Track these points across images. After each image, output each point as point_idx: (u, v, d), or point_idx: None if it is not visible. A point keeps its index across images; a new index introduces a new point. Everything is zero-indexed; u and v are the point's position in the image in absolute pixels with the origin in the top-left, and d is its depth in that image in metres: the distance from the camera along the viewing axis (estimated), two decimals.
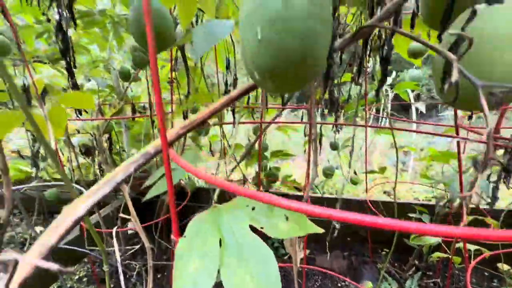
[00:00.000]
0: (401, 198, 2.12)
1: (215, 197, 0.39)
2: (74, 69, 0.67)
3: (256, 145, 1.27)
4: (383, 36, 0.57)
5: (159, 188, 0.47)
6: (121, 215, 0.69)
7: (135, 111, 1.27)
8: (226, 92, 1.10)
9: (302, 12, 0.18)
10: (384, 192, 2.26)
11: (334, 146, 1.24)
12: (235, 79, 1.04)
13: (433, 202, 1.66)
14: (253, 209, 0.33)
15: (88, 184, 1.27)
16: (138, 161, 0.26)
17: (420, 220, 1.34)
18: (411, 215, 1.27)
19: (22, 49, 0.71)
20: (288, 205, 0.17)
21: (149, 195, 0.48)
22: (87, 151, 1.55)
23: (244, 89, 0.31)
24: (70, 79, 0.72)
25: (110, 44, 1.19)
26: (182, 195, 1.49)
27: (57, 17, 0.64)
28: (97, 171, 1.49)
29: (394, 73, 1.31)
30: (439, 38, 0.29)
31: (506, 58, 0.22)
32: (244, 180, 1.46)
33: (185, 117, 1.15)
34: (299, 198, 1.48)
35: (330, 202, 1.44)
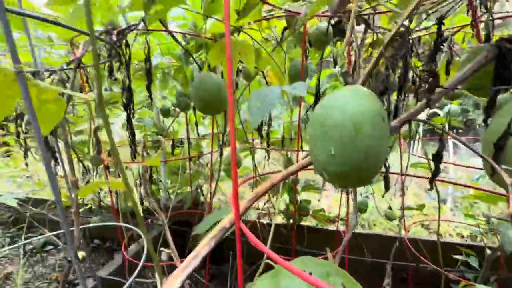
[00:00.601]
0: (442, 233, 1.97)
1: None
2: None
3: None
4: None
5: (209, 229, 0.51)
6: (162, 249, 0.74)
7: (174, 146, 1.37)
8: (259, 128, 1.17)
9: (368, 136, 0.22)
10: (422, 225, 2.11)
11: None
12: (270, 120, 1.10)
13: (479, 240, 1.52)
14: (310, 273, 0.36)
15: (131, 212, 1.36)
16: (217, 236, 0.30)
17: (467, 263, 1.24)
18: (457, 257, 1.18)
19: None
20: None
21: (198, 230, 0.51)
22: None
23: (301, 166, 0.35)
24: (129, 128, 0.82)
25: (155, 87, 1.33)
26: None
27: (115, 75, 0.76)
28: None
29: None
30: (485, 122, 0.31)
31: None
32: (270, 211, 1.47)
33: (222, 144, 1.21)
34: (331, 233, 1.45)
35: (364, 238, 1.38)
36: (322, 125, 0.24)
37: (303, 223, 1.53)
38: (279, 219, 1.61)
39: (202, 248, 0.28)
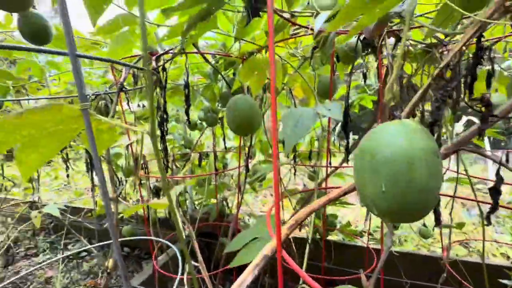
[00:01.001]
0: (485, 252, 1.81)
1: None
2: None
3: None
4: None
5: (249, 256, 0.51)
6: (192, 262, 0.75)
7: (201, 159, 1.41)
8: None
9: (422, 174, 0.21)
10: (460, 243, 1.96)
11: None
12: None
13: None
14: None
15: (160, 220, 1.41)
16: (260, 264, 0.31)
17: None
18: (504, 281, 1.07)
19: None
20: None
21: (237, 263, 0.52)
22: (156, 191, 1.74)
23: (344, 191, 0.35)
24: (162, 144, 0.86)
25: (181, 102, 1.39)
26: None
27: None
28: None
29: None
30: None
31: None
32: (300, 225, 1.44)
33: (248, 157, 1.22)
34: (360, 249, 1.39)
35: (399, 258, 1.31)
36: (372, 158, 0.24)
37: (329, 237, 1.49)
38: (303, 233, 1.58)
39: (247, 276, 0.29)
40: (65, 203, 2.02)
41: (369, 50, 0.73)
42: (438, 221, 0.57)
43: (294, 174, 1.11)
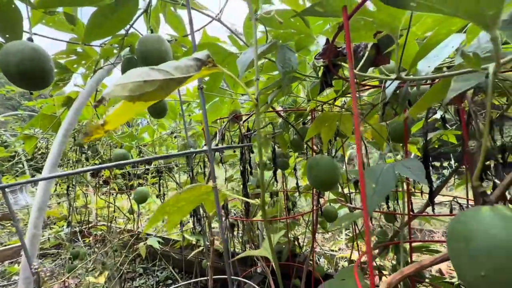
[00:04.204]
0: None
1: None
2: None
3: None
4: None
5: None
6: None
7: (272, 198, 1.49)
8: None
9: None
10: None
11: None
12: None
13: None
14: None
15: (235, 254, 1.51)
16: None
17: None
18: None
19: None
20: None
21: None
22: (231, 227, 1.88)
23: (438, 260, 0.36)
24: (243, 189, 0.98)
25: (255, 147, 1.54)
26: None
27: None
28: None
29: None
30: None
31: None
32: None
33: (318, 197, 1.24)
34: None
35: None
36: (467, 244, 0.26)
37: None
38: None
39: None
40: (163, 235, 2.34)
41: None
42: None
43: (371, 220, 1.07)
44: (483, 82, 0.34)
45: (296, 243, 1.58)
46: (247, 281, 1.19)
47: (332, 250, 2.59)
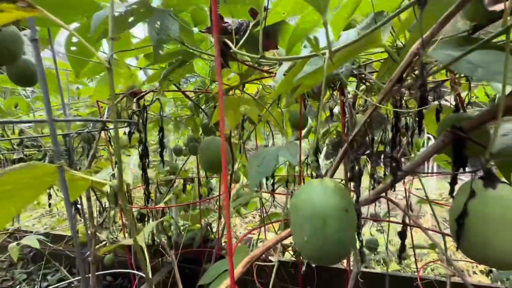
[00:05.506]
0: (464, 270, 1.85)
1: None
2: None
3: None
4: None
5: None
6: None
7: (186, 185, 1.44)
8: None
9: (333, 227, 0.27)
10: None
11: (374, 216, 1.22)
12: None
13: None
14: None
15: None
16: None
17: None
18: None
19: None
20: None
21: None
22: (141, 218, 1.74)
23: (281, 238, 0.40)
24: (143, 176, 0.89)
25: (168, 130, 1.44)
26: None
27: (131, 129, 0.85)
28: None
29: None
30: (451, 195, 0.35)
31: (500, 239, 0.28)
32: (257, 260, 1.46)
33: (230, 184, 1.27)
34: (341, 272, 1.41)
35: (379, 279, 1.33)
36: (297, 215, 0.29)
37: None
38: (288, 256, 1.59)
39: None
40: (46, 230, 1.97)
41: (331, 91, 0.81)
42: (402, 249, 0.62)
43: (273, 201, 1.15)
44: (341, 73, 0.37)
45: (209, 228, 1.58)
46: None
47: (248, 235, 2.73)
